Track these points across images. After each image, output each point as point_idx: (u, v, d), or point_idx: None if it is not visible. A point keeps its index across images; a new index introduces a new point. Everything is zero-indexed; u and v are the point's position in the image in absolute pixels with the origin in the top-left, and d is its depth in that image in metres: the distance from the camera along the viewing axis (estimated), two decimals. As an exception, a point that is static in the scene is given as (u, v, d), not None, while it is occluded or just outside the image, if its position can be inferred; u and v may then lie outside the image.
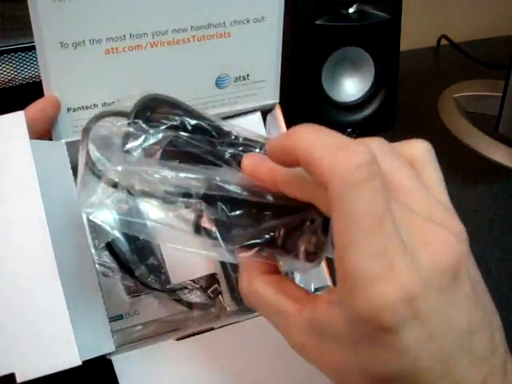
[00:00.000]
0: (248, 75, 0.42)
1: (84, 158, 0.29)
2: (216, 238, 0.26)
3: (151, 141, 0.29)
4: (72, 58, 0.35)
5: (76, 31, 0.34)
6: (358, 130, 0.62)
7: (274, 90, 0.43)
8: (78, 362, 0.31)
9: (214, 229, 0.26)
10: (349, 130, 0.62)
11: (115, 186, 0.27)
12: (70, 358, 0.30)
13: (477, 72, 0.85)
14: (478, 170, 0.66)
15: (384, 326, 0.21)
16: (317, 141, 0.22)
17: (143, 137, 0.29)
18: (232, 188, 0.26)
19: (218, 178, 0.26)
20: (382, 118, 0.64)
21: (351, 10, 0.59)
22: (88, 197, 0.28)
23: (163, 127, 0.29)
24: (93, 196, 0.28)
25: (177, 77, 0.39)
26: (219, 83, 0.41)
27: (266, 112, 0.45)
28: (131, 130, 0.29)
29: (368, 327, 0.21)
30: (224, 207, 0.26)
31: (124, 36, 0.36)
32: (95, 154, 0.29)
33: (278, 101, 0.44)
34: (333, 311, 0.23)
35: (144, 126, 0.29)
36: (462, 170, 0.66)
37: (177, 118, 0.30)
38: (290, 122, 0.44)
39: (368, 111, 0.62)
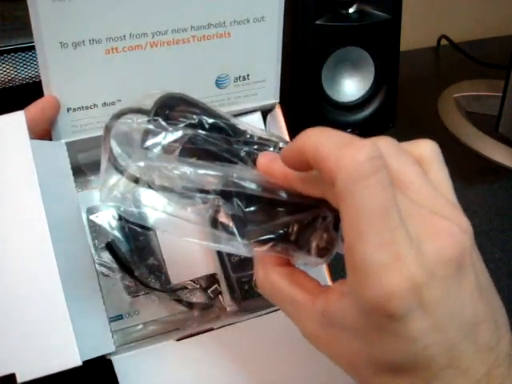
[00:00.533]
0: (248, 75, 0.42)
1: (106, 153, 0.30)
2: (232, 233, 0.27)
3: (170, 138, 0.29)
4: (72, 58, 0.35)
5: (76, 31, 0.34)
6: (358, 130, 0.62)
7: (274, 90, 0.43)
8: (78, 363, 0.31)
9: (230, 224, 0.27)
10: (349, 130, 0.62)
11: (136, 181, 0.28)
12: (70, 358, 0.30)
13: (477, 72, 0.85)
14: (478, 170, 0.66)
15: (391, 314, 0.22)
16: (324, 139, 0.23)
17: (163, 134, 0.29)
18: (248, 185, 0.27)
19: (234, 175, 0.27)
20: (381, 118, 0.64)
21: (351, 10, 0.59)
22: (110, 191, 0.29)
23: (182, 125, 0.30)
24: (114, 190, 0.29)
25: (176, 76, 0.39)
26: (219, 83, 0.41)
27: (266, 112, 0.45)
28: (151, 127, 0.29)
29: (376, 316, 0.22)
30: (240, 203, 0.27)
31: (124, 36, 0.35)
32: (116, 149, 0.29)
33: (278, 101, 0.44)
34: (344, 302, 0.24)
35: (163, 123, 0.30)
36: (462, 170, 0.66)
37: (194, 116, 0.31)
38: (290, 122, 0.44)
39: (368, 111, 0.62)
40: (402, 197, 0.23)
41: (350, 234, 0.22)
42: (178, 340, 0.37)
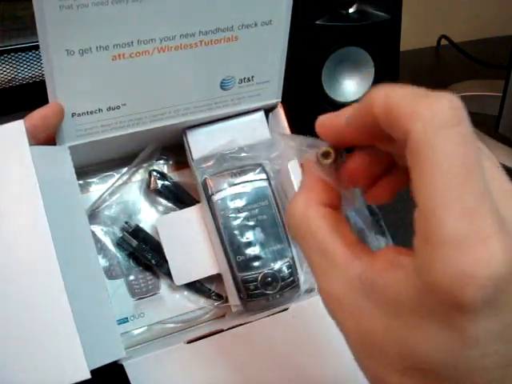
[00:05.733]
0: (253, 77, 0.41)
1: None
2: None
3: None
4: (78, 65, 0.34)
5: (83, 38, 0.34)
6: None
7: (276, 90, 0.43)
8: (87, 375, 0.30)
9: None
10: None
11: None
12: (78, 371, 0.30)
13: (477, 72, 0.85)
14: (478, 170, 0.66)
15: (461, 304, 0.17)
16: (397, 90, 0.20)
17: None
18: None
19: None
20: (382, 118, 0.63)
21: (351, 10, 0.59)
22: None
23: None
24: None
25: (181, 80, 0.39)
26: (224, 85, 0.41)
27: (267, 110, 0.45)
28: None
29: (440, 301, 0.18)
30: None
31: (132, 42, 0.35)
32: None
33: (280, 100, 0.44)
34: (397, 275, 0.20)
35: None
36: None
37: None
38: (290, 122, 0.44)
39: (368, 111, 0.62)
40: (488, 162, 0.20)
41: (425, 196, 0.18)
42: (188, 342, 0.37)
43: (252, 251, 0.41)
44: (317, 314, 0.40)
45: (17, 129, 0.33)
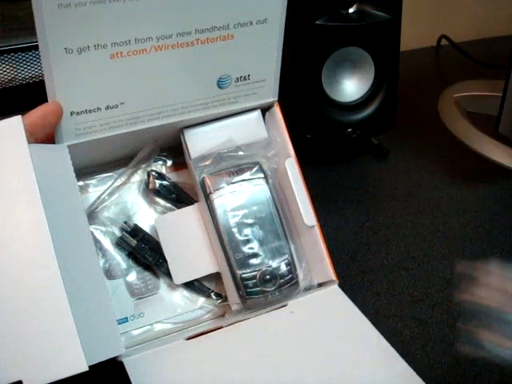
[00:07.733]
0: (249, 75, 0.42)
1: None
2: None
3: None
4: (76, 63, 0.35)
5: (81, 37, 0.34)
6: (359, 130, 0.62)
7: (273, 89, 0.44)
8: (84, 368, 0.31)
9: None
10: (349, 130, 0.62)
11: None
12: (76, 363, 0.30)
13: (477, 72, 0.85)
14: (478, 170, 0.66)
15: None
16: None
17: None
18: None
19: None
20: (382, 118, 0.63)
21: (351, 10, 0.59)
22: None
23: None
24: None
25: (178, 79, 0.39)
26: (220, 84, 0.41)
27: (264, 109, 0.45)
28: None
29: None
30: None
31: (129, 41, 0.35)
32: None
33: (276, 99, 0.44)
34: None
35: None
36: (461, 170, 0.66)
37: None
38: (290, 122, 0.45)
39: (368, 111, 0.62)
40: None
41: None
42: (187, 339, 0.37)
43: (250, 249, 0.41)
44: (315, 309, 0.40)
45: (15, 125, 0.33)
